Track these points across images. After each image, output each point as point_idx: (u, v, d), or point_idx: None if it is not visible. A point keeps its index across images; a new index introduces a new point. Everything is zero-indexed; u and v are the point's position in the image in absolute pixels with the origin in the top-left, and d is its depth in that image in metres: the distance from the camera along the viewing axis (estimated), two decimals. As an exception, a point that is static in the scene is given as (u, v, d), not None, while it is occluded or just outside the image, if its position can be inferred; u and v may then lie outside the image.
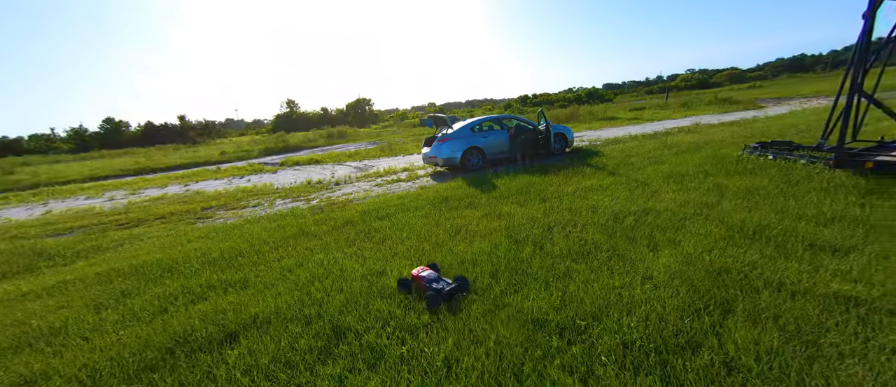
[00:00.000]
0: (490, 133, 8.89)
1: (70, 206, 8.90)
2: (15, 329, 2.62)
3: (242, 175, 12.16)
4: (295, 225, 4.79)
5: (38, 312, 2.91)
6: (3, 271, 4.27)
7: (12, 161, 22.96)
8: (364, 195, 6.94)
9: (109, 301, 2.99)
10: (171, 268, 3.61)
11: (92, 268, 3.90)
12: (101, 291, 3.20)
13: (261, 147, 21.17)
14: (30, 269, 4.33)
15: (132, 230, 5.87)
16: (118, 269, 3.72)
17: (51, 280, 3.67)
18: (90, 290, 3.25)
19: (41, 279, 3.81)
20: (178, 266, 3.64)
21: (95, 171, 16.48)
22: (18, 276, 4.15)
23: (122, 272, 3.62)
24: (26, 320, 2.77)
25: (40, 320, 2.74)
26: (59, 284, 3.47)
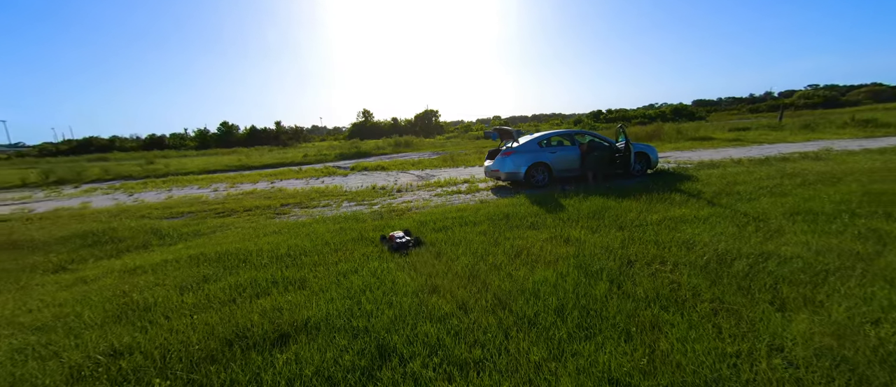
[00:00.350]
0: (559, 149, 8.29)
1: (186, 193, 10.62)
2: (120, 300, 3.02)
3: (318, 177, 13.30)
4: (355, 229, 4.91)
5: (140, 286, 3.34)
6: (127, 246, 5.13)
7: (154, 154, 28.81)
8: (423, 204, 6.94)
9: (192, 284, 3.31)
10: (246, 259, 3.91)
11: (187, 251, 4.44)
12: (188, 273, 3.57)
13: (337, 152, 23.14)
14: (145, 245, 5.13)
15: (224, 219, 6.67)
16: (206, 254, 4.16)
17: (156, 258, 4.25)
18: (181, 271, 3.66)
19: (150, 256, 4.45)
20: (251, 258, 3.93)
21: (208, 165, 19.63)
22: (136, 251, 4.93)
23: (208, 258, 4.03)
24: (129, 292, 3.19)
25: (139, 294, 3.13)
26: (160, 263, 4.00)
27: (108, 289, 3.31)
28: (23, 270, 4.26)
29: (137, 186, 13.14)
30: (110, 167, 19.72)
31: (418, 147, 24.97)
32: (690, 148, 15.11)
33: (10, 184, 15.48)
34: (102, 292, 3.25)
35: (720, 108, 71.62)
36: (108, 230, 5.72)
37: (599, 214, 4.86)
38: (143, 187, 12.62)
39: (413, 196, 8.18)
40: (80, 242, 5.25)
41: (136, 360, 2.19)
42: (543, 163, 7.98)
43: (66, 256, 4.75)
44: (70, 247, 5.08)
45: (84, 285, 3.54)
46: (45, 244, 5.27)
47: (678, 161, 10.91)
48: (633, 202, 5.35)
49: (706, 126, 22.22)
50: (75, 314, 2.83)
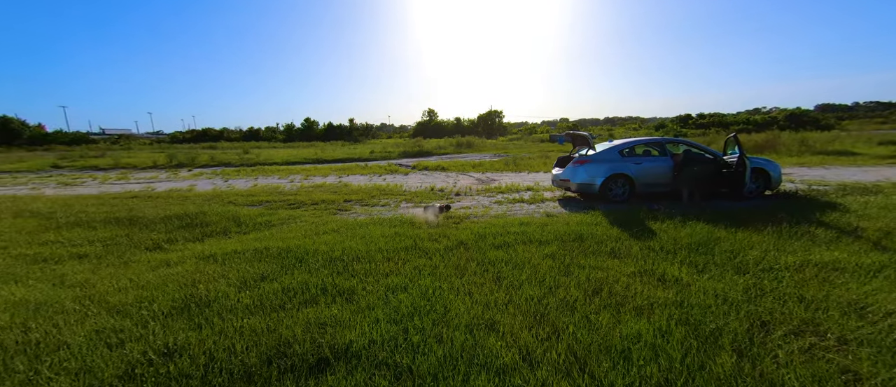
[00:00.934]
0: (645, 159, 7.11)
1: (268, 183, 11.72)
2: (188, 290, 3.15)
3: (381, 174, 13.69)
4: (410, 236, 4.66)
5: (208, 276, 3.49)
6: (212, 230, 5.62)
7: (250, 145, 33.12)
8: (482, 212, 6.47)
9: (251, 281, 3.34)
10: (302, 259, 3.89)
11: (255, 243, 4.64)
12: (250, 269, 3.65)
13: (400, 149, 23.89)
14: (225, 231, 5.57)
15: (293, 211, 7.03)
16: (270, 249, 4.28)
17: (229, 247, 4.51)
18: (244, 266, 3.76)
19: (225, 244, 4.76)
20: (307, 258, 3.90)
21: (290, 157, 21.77)
22: (216, 237, 5.36)
23: (270, 253, 4.13)
24: (198, 282, 3.32)
25: (205, 286, 3.24)
26: (231, 253, 4.20)
27: (183, 276, 3.52)
28: (130, 245, 4.88)
29: (232, 172, 15.00)
30: (216, 155, 23.08)
31: (479, 148, 24.52)
32: (822, 164, 12.09)
33: (145, 165, 18.96)
34: (178, 279, 3.46)
35: (858, 114, 57.29)
36: (199, 214, 6.39)
37: (706, 246, 3.86)
38: (236, 175, 14.34)
39: (472, 201, 7.77)
40: (177, 224, 5.92)
41: (183, 364, 2.14)
42: (624, 175, 6.91)
43: (164, 235, 5.36)
44: (169, 227, 5.74)
45: (167, 268, 3.84)
46: (152, 223, 6.06)
47: (807, 181, 8.68)
48: (753, 235, 4.18)
49: (843, 137, 17.71)
50: (151, 300, 3.00)
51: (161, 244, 4.95)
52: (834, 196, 6.53)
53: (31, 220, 6.36)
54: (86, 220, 6.16)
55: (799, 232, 4.22)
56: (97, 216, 6.38)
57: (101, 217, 6.31)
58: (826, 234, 4.15)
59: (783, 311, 2.54)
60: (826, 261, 3.36)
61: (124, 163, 19.84)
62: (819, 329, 2.32)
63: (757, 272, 3.21)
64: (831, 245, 3.82)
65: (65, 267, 4.04)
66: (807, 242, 3.90)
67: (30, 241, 5.09)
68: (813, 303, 2.63)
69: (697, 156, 6.85)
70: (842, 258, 3.39)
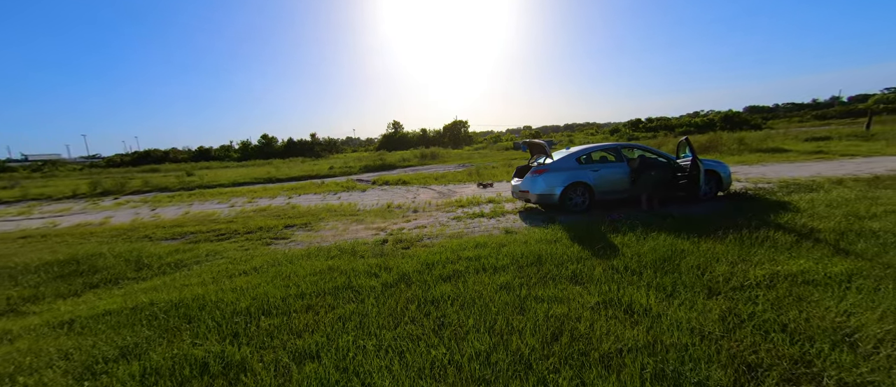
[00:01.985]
0: (602, 166, 6.90)
1: (203, 209, 10.37)
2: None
3: (337, 191, 12.72)
4: (345, 271, 3.93)
5: (43, 358, 2.55)
6: (100, 279, 4.52)
7: (196, 166, 30.35)
8: (438, 231, 5.87)
9: (102, 363, 2.45)
10: (194, 316, 3.04)
11: (144, 295, 3.68)
12: (114, 341, 2.75)
13: (362, 164, 22.89)
14: (116, 280, 4.49)
15: (218, 245, 6.01)
16: (157, 303, 3.36)
17: (103, 305, 3.53)
18: (108, 335, 2.85)
19: (102, 300, 3.75)
20: (202, 315, 3.06)
21: (239, 177, 20.02)
22: (104, 286, 4.29)
23: (155, 311, 3.22)
24: (15, 373, 2.38)
25: (25, 378, 2.30)
26: (99, 315, 3.24)
27: (12, 359, 2.55)
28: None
29: (165, 199, 13.31)
30: (152, 179, 20.74)
31: (444, 159, 24.14)
32: (760, 161, 12.85)
33: (63, 194, 16.48)
34: (3, 363, 2.49)
35: (778, 114, 64.20)
36: (91, 257, 5.22)
37: (671, 263, 3.50)
38: (168, 201, 12.71)
39: (429, 219, 7.15)
40: (55, 272, 4.74)
41: None
42: (583, 183, 6.64)
43: (29, 290, 4.20)
44: (41, 278, 4.57)
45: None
46: (23, 271, 4.83)
47: (751, 179, 9.00)
48: (717, 245, 3.91)
49: (775, 136, 19.28)
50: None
51: (17, 305, 3.82)
52: (780, 194, 6.66)
53: None
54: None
55: (759, 238, 4.02)
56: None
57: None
58: (785, 238, 3.97)
59: (768, 346, 2.14)
60: (794, 272, 3.10)
61: (35, 193, 17.18)
62: (813, 371, 1.92)
63: (729, 293, 2.85)
64: (794, 251, 3.61)
65: None
66: (770, 250, 3.67)
67: None
68: (797, 332, 2.26)
69: (652, 161, 6.76)
70: (809, 268, 3.14)
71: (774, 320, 2.40)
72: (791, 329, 2.29)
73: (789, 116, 60.65)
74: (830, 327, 2.27)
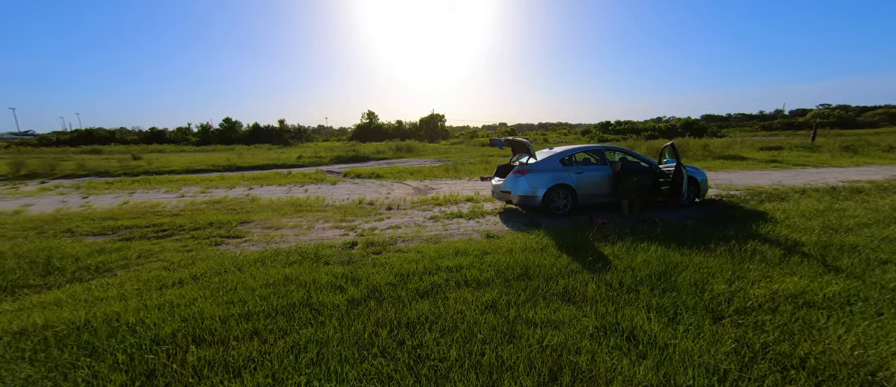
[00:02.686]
0: (586, 168, 6.70)
1: (147, 198, 9.16)
2: None
3: (304, 183, 11.82)
4: (305, 282, 3.35)
5: None
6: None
7: (145, 148, 27.59)
8: (413, 233, 5.38)
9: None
10: (99, 348, 2.37)
11: (39, 313, 2.90)
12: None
13: (334, 154, 21.74)
14: (13, 289, 3.62)
15: (155, 244, 5.16)
16: (54, 325, 2.63)
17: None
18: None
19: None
20: (108, 346, 2.39)
21: (195, 163, 18.27)
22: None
23: (51, 336, 2.50)
24: None
25: None
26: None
27: None
28: None
29: (102, 185, 11.75)
30: (89, 161, 18.50)
31: (420, 153, 23.51)
32: (724, 168, 13.43)
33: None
34: None
35: (730, 123, 69.06)
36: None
37: (667, 279, 3.25)
38: (106, 188, 11.22)
39: (403, 218, 6.64)
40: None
41: None
42: (567, 186, 6.40)
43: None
44: None
45: None
46: None
47: (720, 185, 9.25)
48: (709, 258, 3.73)
49: (736, 144, 20.41)
50: None
51: None
52: (753, 203, 6.79)
53: None
54: None
55: (748, 251, 3.90)
56: None
57: None
58: (773, 252, 3.87)
59: (791, 389, 1.88)
60: (793, 292, 2.93)
61: (-61, 173, 14.68)
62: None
63: (734, 317, 2.61)
64: (784, 267, 3.49)
65: None
66: (761, 264, 3.53)
67: None
68: (818, 369, 2.02)
69: (633, 165, 6.64)
70: (806, 288, 3.00)
71: (791, 354, 2.16)
72: (811, 366, 2.05)
73: (741, 125, 65.45)
74: (851, 363, 2.05)
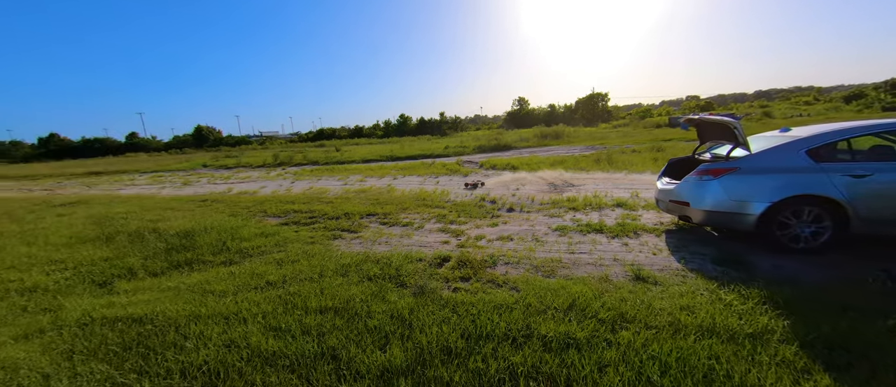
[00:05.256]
0: (876, 166, 3.43)
1: (321, 185, 11.31)
2: None
3: (439, 174, 12.01)
4: (359, 311, 2.71)
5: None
6: (185, 258, 4.78)
7: (346, 142, 35.96)
8: (524, 253, 4.02)
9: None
10: (120, 356, 2.37)
11: (144, 298, 3.42)
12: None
13: (477, 144, 21.85)
14: (191, 262, 4.63)
15: (298, 230, 5.88)
16: (122, 321, 2.94)
17: (93, 306, 3.39)
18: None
19: (125, 297, 3.69)
20: (129, 357, 2.37)
21: (368, 154, 22.16)
22: (178, 270, 4.44)
23: (104, 340, 2.77)
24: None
25: None
26: (67, 326, 3.02)
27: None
28: (87, 277, 4.30)
29: (307, 172, 15.55)
30: (310, 153, 25.32)
31: (570, 139, 20.52)
32: None
33: (257, 163, 21.73)
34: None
35: None
36: (197, 233, 5.77)
37: None
38: (308, 175, 14.72)
39: (522, 224, 5.31)
40: (170, 244, 5.35)
41: None
42: (824, 199, 3.43)
43: (138, 261, 4.75)
44: (158, 249, 5.19)
45: (33, 340, 2.85)
46: (156, 238, 5.65)
47: None
48: None
49: None
50: None
51: (111, 279, 4.24)
52: None
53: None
54: (88, 237, 6.16)
55: None
56: (105, 232, 6.37)
57: (104, 233, 6.25)
58: None
59: None
60: None
61: (245, 162, 23.28)
62: None
63: None
64: None
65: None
66: None
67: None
68: None
69: None
70: None
71: None
72: None
73: None
74: None
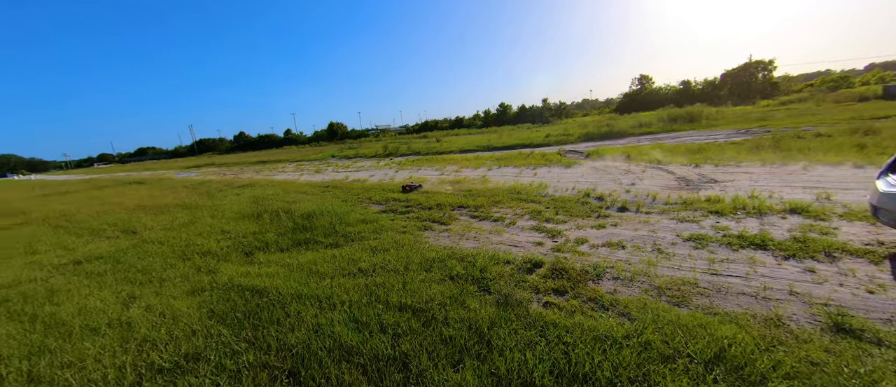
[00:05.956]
0: None
1: (421, 175, 11.86)
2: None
3: (537, 166, 11.14)
4: (427, 316, 2.54)
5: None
6: (304, 238, 5.53)
7: (446, 133, 37.38)
8: (640, 267, 3.20)
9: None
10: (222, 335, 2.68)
11: (269, 271, 3.92)
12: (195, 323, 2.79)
13: (584, 131, 19.63)
14: (307, 242, 5.32)
15: (395, 218, 6.19)
16: (246, 290, 3.38)
17: (234, 272, 4.00)
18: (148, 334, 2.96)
19: (257, 267, 4.34)
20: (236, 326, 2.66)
21: (466, 145, 22.39)
22: (296, 249, 5.15)
23: (232, 304, 3.20)
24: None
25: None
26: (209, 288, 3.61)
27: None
28: (254, 242, 5.38)
29: (407, 163, 16.62)
30: (414, 144, 27.12)
31: (710, 122, 16.38)
32: None
33: (369, 154, 24.50)
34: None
35: None
36: (316, 215, 6.64)
37: None
38: (409, 165, 15.72)
39: (639, 229, 4.34)
40: (296, 224, 6.30)
41: None
42: None
43: (275, 237, 5.72)
44: (289, 227, 6.17)
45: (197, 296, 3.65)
46: (288, 218, 6.77)
47: None
48: None
49: None
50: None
51: (253, 251, 5.19)
52: None
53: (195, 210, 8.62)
54: (235, 213, 7.66)
55: None
56: (258, 210, 7.83)
57: (257, 211, 7.68)
58: None
59: None
60: None
61: (362, 153, 26.53)
62: None
63: None
64: None
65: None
66: None
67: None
68: None
69: None
70: None
71: None
72: None
73: None
74: None
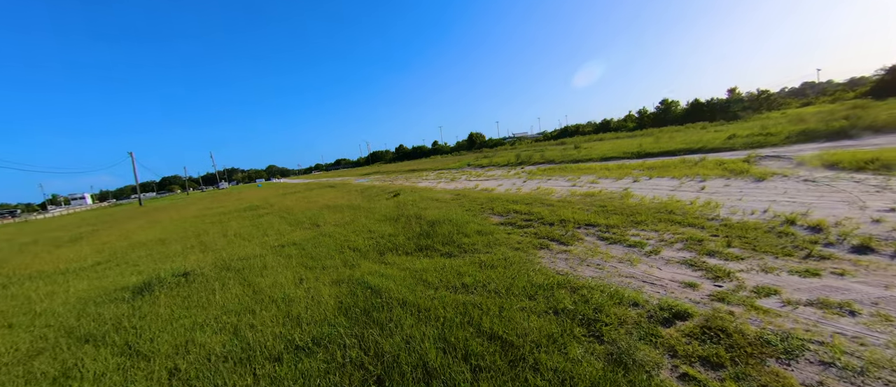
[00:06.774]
0: None
1: (550, 186, 11.05)
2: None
3: (707, 177, 8.58)
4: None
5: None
6: (424, 244, 6.00)
7: (589, 138, 33.76)
8: (888, 354, 1.90)
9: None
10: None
11: (386, 272, 4.31)
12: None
13: (799, 127, 13.99)
14: (424, 248, 5.72)
15: (512, 233, 5.95)
16: (354, 282, 3.76)
17: (376, 270, 4.51)
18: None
19: (384, 268, 4.83)
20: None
21: (610, 151, 19.55)
22: (415, 254, 5.62)
23: (352, 298, 3.60)
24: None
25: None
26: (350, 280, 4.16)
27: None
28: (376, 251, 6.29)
29: (538, 172, 15.83)
30: (547, 152, 25.74)
31: None
32: None
33: (502, 163, 24.76)
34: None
35: None
36: (439, 224, 7.09)
37: None
38: (540, 174, 14.94)
39: (885, 286, 2.65)
40: (422, 230, 6.93)
41: None
42: None
43: (405, 242, 6.45)
44: (417, 231, 6.86)
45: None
46: (418, 224, 7.53)
47: None
48: None
49: None
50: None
51: (385, 251, 5.96)
52: None
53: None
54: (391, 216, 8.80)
55: None
56: (397, 214, 8.90)
57: (397, 215, 8.73)
58: None
59: None
60: None
61: (495, 162, 27.08)
62: None
63: None
64: None
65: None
66: None
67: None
68: None
69: None
70: None
71: None
72: None
73: None
74: None
